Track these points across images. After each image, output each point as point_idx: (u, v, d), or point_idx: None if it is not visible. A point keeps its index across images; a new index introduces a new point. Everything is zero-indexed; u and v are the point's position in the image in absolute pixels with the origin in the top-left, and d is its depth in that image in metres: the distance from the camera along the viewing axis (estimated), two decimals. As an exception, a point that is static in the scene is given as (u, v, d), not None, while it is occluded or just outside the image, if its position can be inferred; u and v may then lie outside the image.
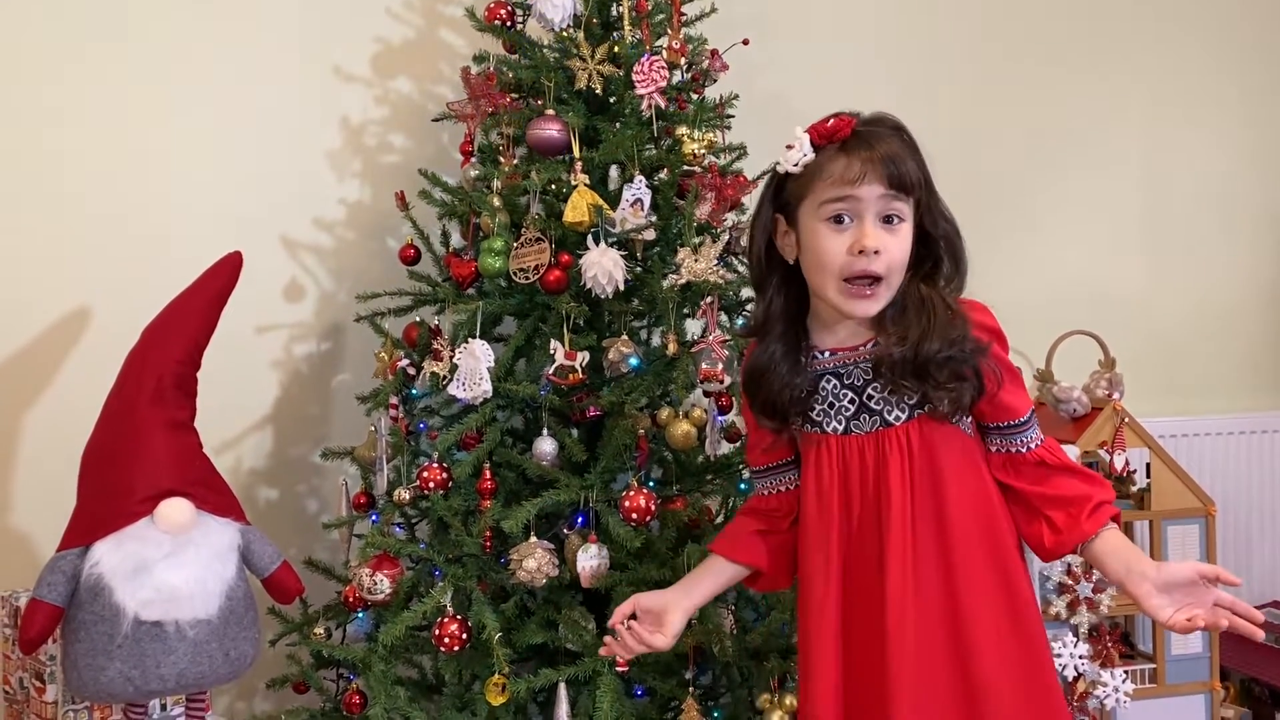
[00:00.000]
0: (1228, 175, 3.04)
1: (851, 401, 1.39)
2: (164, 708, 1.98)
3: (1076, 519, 1.35)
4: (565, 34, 2.07)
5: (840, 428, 1.39)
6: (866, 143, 1.34)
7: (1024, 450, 1.40)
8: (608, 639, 1.50)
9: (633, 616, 1.49)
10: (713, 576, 1.53)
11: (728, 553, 1.53)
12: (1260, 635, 1.25)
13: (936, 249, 1.38)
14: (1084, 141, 2.93)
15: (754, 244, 1.44)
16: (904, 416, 1.37)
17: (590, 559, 1.86)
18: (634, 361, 1.94)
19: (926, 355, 1.31)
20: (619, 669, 1.82)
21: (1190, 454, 2.79)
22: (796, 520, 1.50)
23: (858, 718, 1.38)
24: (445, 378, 1.94)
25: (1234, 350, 3.03)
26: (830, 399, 1.40)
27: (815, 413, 1.40)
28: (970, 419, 1.41)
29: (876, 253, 1.32)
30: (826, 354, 1.41)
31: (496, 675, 1.83)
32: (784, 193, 1.41)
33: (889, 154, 1.32)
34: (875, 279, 1.33)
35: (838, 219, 1.34)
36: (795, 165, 1.37)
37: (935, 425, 1.37)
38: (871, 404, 1.38)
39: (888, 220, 1.34)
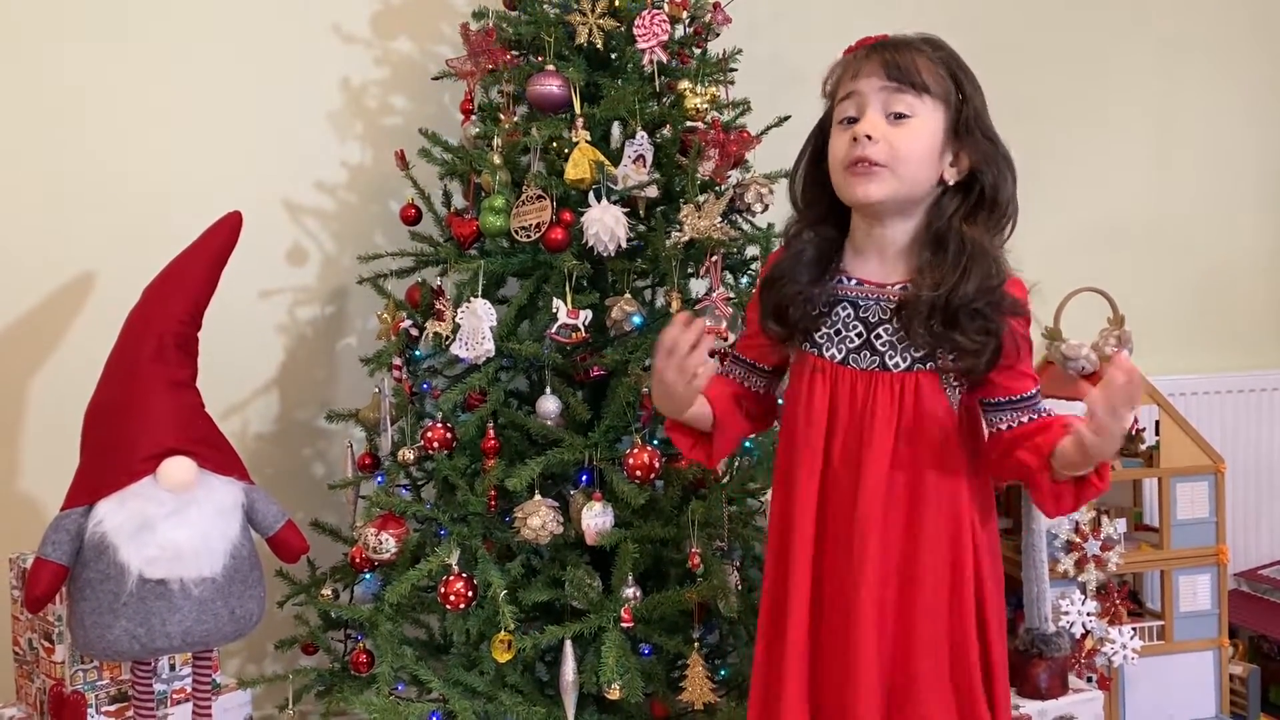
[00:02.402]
0: (1240, 130, 3.00)
1: (859, 335, 1.37)
2: (173, 668, 1.99)
3: (1048, 431, 1.32)
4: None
5: (838, 356, 1.38)
6: (877, 45, 1.36)
7: (1034, 420, 1.37)
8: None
9: None
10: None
11: (712, 395, 1.44)
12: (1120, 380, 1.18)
13: (980, 179, 1.35)
14: (1093, 97, 2.89)
15: (796, 165, 1.45)
16: (904, 365, 1.35)
17: (595, 517, 1.86)
18: (637, 320, 1.93)
19: (959, 301, 1.29)
20: (625, 625, 1.82)
21: (1200, 411, 2.77)
22: (752, 415, 1.50)
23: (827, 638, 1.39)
24: (448, 338, 1.93)
25: (1244, 307, 3.00)
26: (839, 325, 1.38)
27: (819, 334, 1.39)
28: (959, 396, 1.37)
29: (869, 138, 1.31)
30: (853, 281, 1.39)
31: (502, 633, 1.83)
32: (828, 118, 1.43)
33: (893, 51, 1.34)
34: (875, 164, 1.32)
35: (850, 121, 1.35)
36: (828, 83, 1.41)
37: (931, 385, 1.35)
38: (877, 344, 1.36)
39: (898, 118, 1.33)
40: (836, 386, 1.37)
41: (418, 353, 2.06)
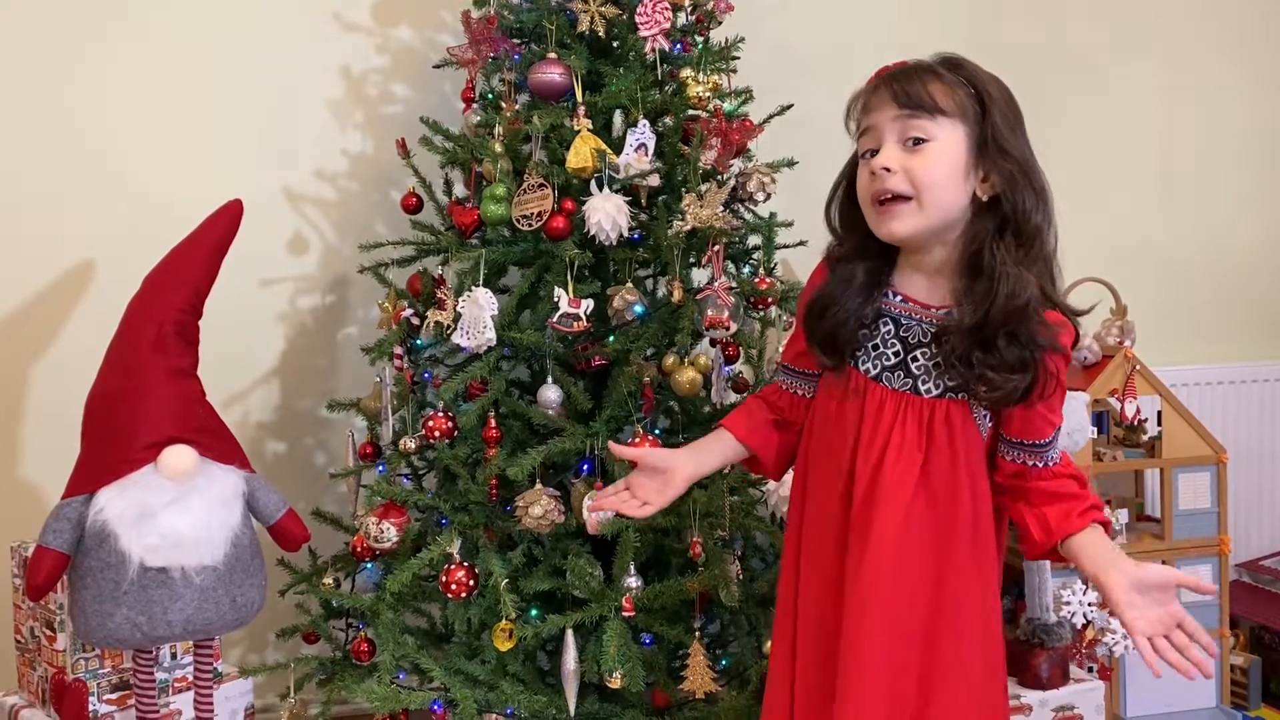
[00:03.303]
0: (1243, 121, 2.99)
1: (896, 354, 1.35)
2: (174, 656, 2.00)
3: (1068, 515, 1.31)
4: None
5: (873, 371, 1.35)
6: (886, 76, 1.33)
7: (1040, 466, 1.34)
8: (599, 494, 1.44)
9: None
10: (721, 450, 1.49)
11: (742, 434, 1.48)
12: (1210, 669, 1.23)
13: (1004, 200, 1.31)
14: (1100, 87, 2.88)
15: (830, 196, 1.43)
16: (935, 392, 1.32)
17: (596, 506, 1.86)
18: (639, 309, 1.92)
19: (992, 327, 1.26)
20: (626, 614, 1.82)
21: (1202, 402, 2.77)
22: (799, 426, 1.48)
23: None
24: (449, 327, 1.93)
25: (1248, 298, 2.99)
26: (878, 340, 1.36)
27: (859, 349, 1.37)
28: (989, 424, 1.34)
29: (887, 170, 1.29)
30: (898, 298, 1.37)
31: (504, 622, 1.84)
32: None
33: (902, 80, 1.31)
34: (899, 198, 1.29)
35: (870, 154, 1.33)
36: (850, 118, 1.38)
37: (961, 415, 1.32)
38: (913, 366, 1.34)
39: (916, 143, 1.29)
40: (866, 402, 1.35)
41: (419, 342, 2.06)
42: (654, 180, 1.96)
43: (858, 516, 1.34)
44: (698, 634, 1.87)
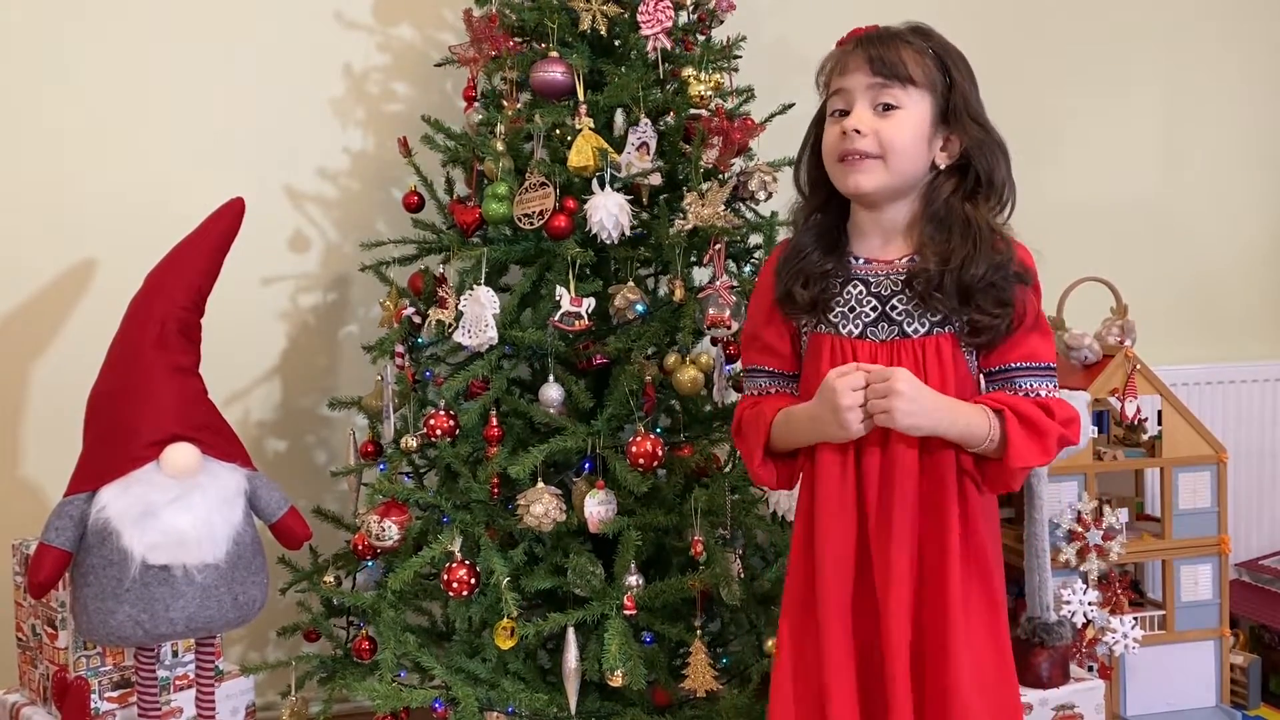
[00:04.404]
0: (1246, 118, 2.99)
1: (874, 309, 1.38)
2: (175, 654, 2.00)
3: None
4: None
5: (856, 331, 1.39)
6: (863, 40, 1.39)
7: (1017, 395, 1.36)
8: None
9: None
10: None
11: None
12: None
13: (973, 163, 1.38)
14: (1100, 86, 2.88)
15: (799, 155, 1.48)
16: (922, 331, 1.36)
17: (598, 504, 1.87)
18: (640, 308, 1.93)
19: (971, 280, 1.32)
20: (627, 613, 1.83)
21: (1202, 401, 2.77)
22: None
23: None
24: (451, 325, 1.93)
25: (1247, 297, 2.99)
26: (852, 303, 1.39)
27: (834, 314, 1.40)
28: (976, 361, 1.38)
29: (858, 132, 1.35)
30: (861, 260, 1.42)
31: (505, 620, 1.84)
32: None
33: (878, 46, 1.37)
34: (867, 156, 1.35)
35: (841, 114, 1.39)
36: (822, 75, 1.44)
37: (951, 347, 1.36)
38: (893, 314, 1.37)
39: (886, 109, 1.36)
40: (857, 361, 1.37)
41: (420, 340, 2.06)
42: (655, 179, 1.97)
43: (874, 477, 1.35)
44: (699, 632, 1.88)
